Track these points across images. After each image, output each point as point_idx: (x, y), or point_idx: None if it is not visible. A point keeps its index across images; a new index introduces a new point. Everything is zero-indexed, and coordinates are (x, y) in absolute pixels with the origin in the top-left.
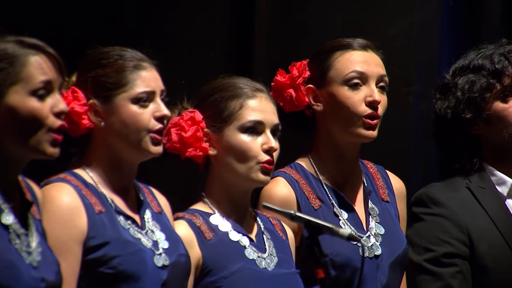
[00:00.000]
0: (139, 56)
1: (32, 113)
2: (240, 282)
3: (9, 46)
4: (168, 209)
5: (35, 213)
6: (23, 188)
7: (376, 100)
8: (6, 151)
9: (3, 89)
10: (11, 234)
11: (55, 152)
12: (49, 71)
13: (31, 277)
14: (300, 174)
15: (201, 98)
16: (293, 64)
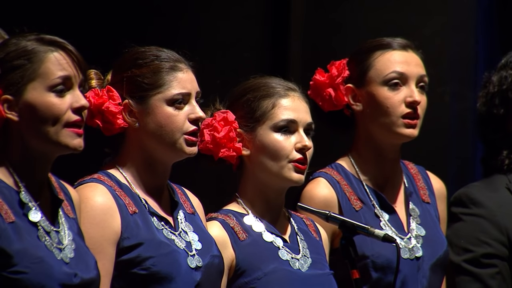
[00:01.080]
0: (175, 57)
1: (50, 108)
2: (274, 283)
3: (29, 44)
4: (201, 210)
5: (68, 212)
6: (56, 187)
7: (416, 100)
8: (30, 148)
9: (21, 85)
10: (39, 231)
11: (79, 144)
12: (68, 67)
13: (63, 272)
14: (341, 174)
15: (234, 99)
16: (332, 63)
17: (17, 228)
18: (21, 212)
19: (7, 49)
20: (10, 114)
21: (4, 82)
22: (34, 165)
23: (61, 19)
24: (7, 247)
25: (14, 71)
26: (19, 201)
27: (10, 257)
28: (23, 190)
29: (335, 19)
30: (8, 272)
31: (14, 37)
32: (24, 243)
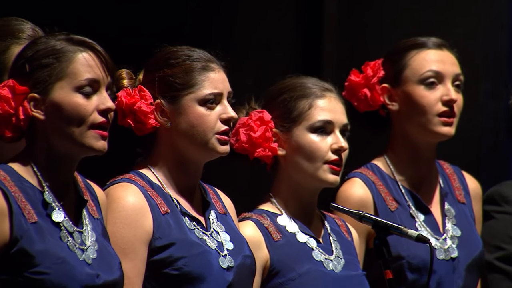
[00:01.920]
0: (207, 57)
1: (76, 108)
2: (308, 284)
3: (58, 43)
4: (232, 210)
5: (93, 212)
6: (81, 187)
7: (452, 99)
8: (55, 148)
9: (49, 84)
10: (62, 231)
11: (103, 146)
12: (96, 68)
13: (85, 273)
14: (376, 175)
15: (270, 98)
16: (366, 64)
17: (39, 228)
18: (44, 213)
19: (36, 47)
20: (36, 112)
21: (32, 80)
22: (59, 165)
23: (95, 18)
24: (29, 248)
25: (42, 69)
26: (42, 201)
27: (32, 258)
28: (47, 190)
29: (369, 19)
30: (30, 272)
31: (43, 36)
32: (47, 244)
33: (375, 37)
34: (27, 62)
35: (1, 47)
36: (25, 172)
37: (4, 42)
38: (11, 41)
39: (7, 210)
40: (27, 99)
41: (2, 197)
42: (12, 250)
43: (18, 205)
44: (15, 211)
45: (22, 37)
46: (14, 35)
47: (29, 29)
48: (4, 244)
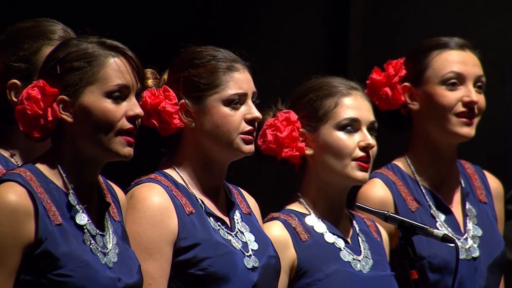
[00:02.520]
0: (232, 57)
1: (105, 114)
2: (335, 285)
3: (90, 46)
4: (257, 210)
5: (114, 215)
6: (104, 189)
7: (473, 100)
8: (81, 151)
9: (79, 88)
10: (85, 234)
11: (129, 152)
12: (127, 74)
13: (107, 277)
14: (396, 175)
15: (296, 99)
16: (388, 62)
17: (63, 230)
18: (69, 215)
19: (68, 49)
20: (65, 115)
21: (62, 82)
22: (84, 168)
23: (121, 18)
24: (53, 250)
25: (73, 72)
26: (67, 203)
27: (56, 260)
28: (71, 192)
29: (395, 18)
30: (54, 274)
31: (75, 38)
32: (70, 246)
33: (401, 36)
34: (58, 64)
35: (32, 48)
36: (50, 173)
37: (35, 43)
38: (43, 42)
39: (33, 211)
40: (56, 101)
41: (29, 197)
42: (37, 251)
43: (43, 206)
44: (41, 212)
45: (54, 38)
46: (45, 36)
47: (61, 30)
48: (28, 245)
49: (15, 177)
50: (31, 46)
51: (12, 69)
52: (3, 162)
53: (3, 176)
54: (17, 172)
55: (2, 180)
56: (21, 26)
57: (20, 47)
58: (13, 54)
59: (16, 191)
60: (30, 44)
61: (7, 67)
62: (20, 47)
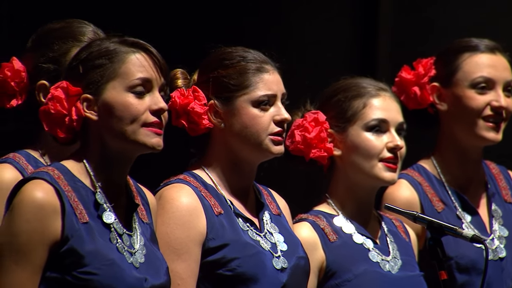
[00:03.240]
0: (261, 58)
1: (128, 108)
2: (364, 285)
3: (111, 44)
4: (287, 211)
5: (143, 217)
6: (133, 191)
7: (502, 105)
8: (108, 148)
9: (101, 84)
10: (112, 233)
11: (157, 143)
12: (149, 68)
13: (133, 277)
14: (422, 176)
15: (324, 99)
16: (418, 61)
17: (90, 229)
18: (96, 213)
19: (90, 49)
20: (89, 113)
21: (85, 81)
22: (112, 166)
23: (151, 19)
24: (79, 248)
25: (94, 70)
26: (94, 201)
27: (81, 258)
28: (99, 190)
29: (424, 18)
30: (79, 272)
31: (98, 38)
32: (96, 244)
33: (430, 36)
34: (81, 64)
35: (62, 49)
36: (78, 171)
37: (65, 44)
38: (72, 43)
39: (59, 208)
40: (80, 100)
41: (56, 195)
42: (62, 248)
43: (70, 204)
44: (68, 210)
45: (83, 39)
46: (75, 37)
47: (91, 32)
48: (55, 242)
49: (42, 175)
50: (60, 47)
51: (41, 70)
52: (33, 163)
53: (31, 174)
54: (44, 170)
55: (30, 178)
56: (51, 27)
57: (49, 48)
58: (42, 55)
59: (43, 188)
60: (59, 45)
61: (36, 68)
62: (50, 48)
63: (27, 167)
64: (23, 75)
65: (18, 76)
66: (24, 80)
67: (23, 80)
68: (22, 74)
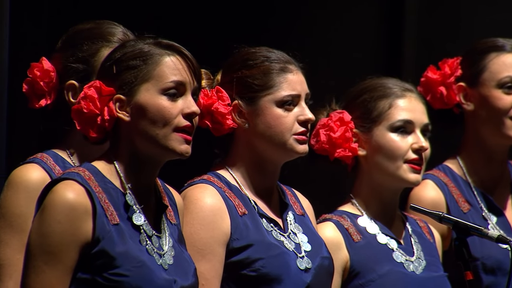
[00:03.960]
0: (285, 58)
1: (161, 111)
2: (388, 286)
3: (146, 46)
4: (310, 211)
5: (171, 218)
6: (161, 192)
7: None
8: (138, 150)
9: (135, 86)
10: (141, 234)
11: (186, 150)
12: (183, 72)
13: (163, 278)
14: (448, 176)
15: (350, 99)
16: (444, 61)
17: (120, 230)
18: (125, 215)
19: (124, 50)
20: (122, 113)
21: (118, 82)
22: (142, 168)
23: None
24: (110, 249)
25: (128, 71)
26: (124, 203)
27: (112, 259)
28: (128, 192)
29: (451, 19)
30: (110, 273)
31: (132, 39)
32: (127, 246)
33: (455, 37)
34: (114, 64)
35: (91, 50)
36: (108, 172)
37: (94, 45)
38: (102, 44)
39: (91, 210)
40: (112, 100)
41: (87, 196)
42: (93, 250)
43: (101, 205)
44: (99, 211)
45: (113, 40)
46: (104, 38)
47: (120, 33)
48: (86, 243)
49: (73, 176)
50: (90, 47)
51: (71, 70)
52: (60, 163)
53: (61, 175)
54: (75, 171)
55: (61, 179)
56: (81, 27)
57: (79, 48)
58: (72, 55)
59: (74, 189)
60: (89, 46)
61: (65, 68)
62: (79, 48)
63: (54, 167)
64: (52, 75)
65: (47, 76)
66: (53, 80)
67: (52, 80)
68: (51, 74)
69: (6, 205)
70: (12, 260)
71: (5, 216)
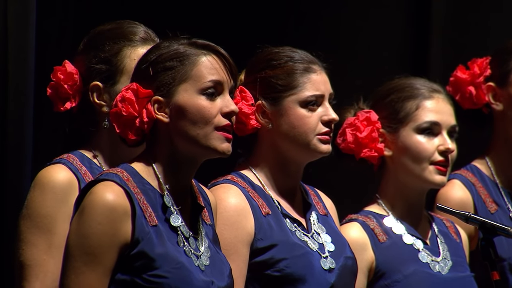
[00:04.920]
0: (309, 58)
1: (200, 110)
2: (414, 286)
3: (181, 47)
4: (334, 211)
5: (206, 218)
6: (196, 192)
7: None
8: (177, 151)
9: (173, 87)
10: (179, 236)
11: (227, 148)
12: (220, 71)
13: (201, 280)
14: (476, 176)
15: (377, 99)
16: (473, 61)
17: (159, 232)
18: (163, 216)
19: (159, 51)
20: (160, 115)
21: (155, 83)
22: (180, 169)
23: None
24: (149, 251)
25: (165, 72)
26: (162, 204)
27: (152, 261)
28: (166, 193)
29: (477, 18)
30: (149, 275)
31: (166, 40)
32: (166, 248)
33: (483, 37)
34: (151, 66)
35: (113, 50)
36: (146, 174)
37: (116, 45)
38: (123, 43)
39: (130, 211)
40: (150, 102)
41: (126, 197)
42: (133, 251)
43: (140, 206)
44: (138, 213)
45: (134, 39)
46: (126, 37)
47: (142, 32)
48: (125, 244)
49: (112, 177)
50: (111, 47)
51: (94, 71)
52: (87, 163)
53: (100, 176)
54: (113, 172)
55: (99, 180)
56: (102, 28)
57: (101, 49)
58: (94, 56)
59: (114, 190)
60: (111, 46)
61: (89, 69)
62: (101, 49)
63: (80, 168)
64: (76, 78)
65: (71, 78)
66: (77, 82)
67: (76, 83)
68: (75, 77)
69: (32, 206)
70: (39, 260)
71: (32, 217)
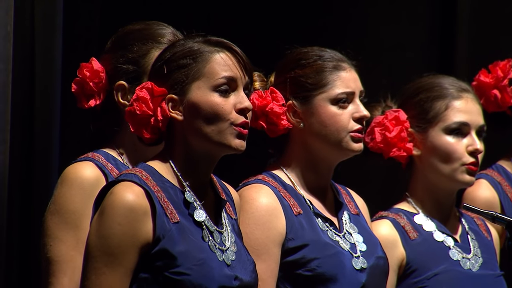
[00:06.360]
0: (338, 57)
1: (214, 107)
2: (444, 283)
3: (195, 44)
4: (365, 210)
5: (230, 213)
6: (218, 188)
7: None
8: (193, 148)
9: (186, 84)
10: (204, 231)
11: (240, 144)
12: (234, 67)
13: (223, 275)
14: (502, 176)
15: (406, 98)
16: (495, 64)
17: (181, 228)
18: (186, 212)
19: (174, 49)
20: (175, 113)
21: (169, 82)
22: (197, 166)
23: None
24: (170, 248)
25: (179, 70)
26: (183, 200)
27: (173, 258)
28: (187, 189)
29: (504, 17)
30: (171, 272)
31: (182, 38)
32: (188, 244)
33: (508, 35)
34: (165, 64)
35: (141, 51)
36: (165, 171)
37: (144, 46)
38: (152, 45)
39: (150, 210)
40: (165, 100)
41: (146, 197)
42: (154, 249)
43: (160, 205)
44: (158, 211)
45: (163, 41)
46: (154, 39)
47: (170, 34)
48: (146, 244)
49: (131, 177)
50: (140, 48)
51: (120, 71)
52: (112, 161)
53: (119, 176)
54: (133, 172)
55: (119, 180)
56: (131, 28)
57: (129, 49)
58: (122, 56)
59: (133, 190)
60: (139, 47)
61: (115, 69)
62: (129, 49)
63: (106, 165)
64: (102, 76)
65: (97, 76)
66: (102, 80)
67: (102, 81)
68: (101, 75)
69: (60, 202)
70: (67, 256)
71: (60, 213)
